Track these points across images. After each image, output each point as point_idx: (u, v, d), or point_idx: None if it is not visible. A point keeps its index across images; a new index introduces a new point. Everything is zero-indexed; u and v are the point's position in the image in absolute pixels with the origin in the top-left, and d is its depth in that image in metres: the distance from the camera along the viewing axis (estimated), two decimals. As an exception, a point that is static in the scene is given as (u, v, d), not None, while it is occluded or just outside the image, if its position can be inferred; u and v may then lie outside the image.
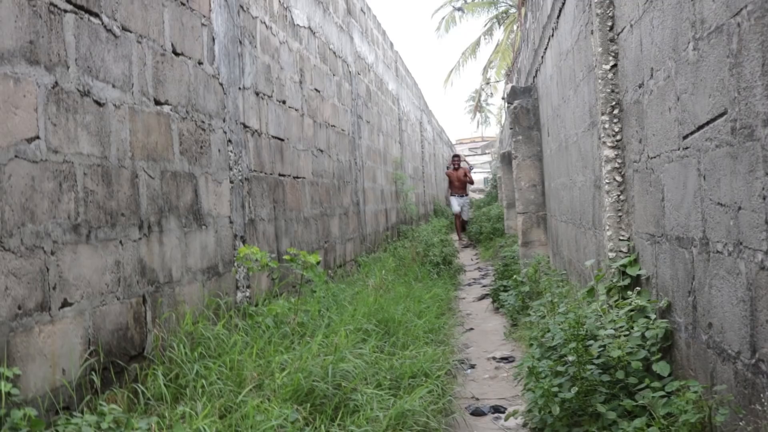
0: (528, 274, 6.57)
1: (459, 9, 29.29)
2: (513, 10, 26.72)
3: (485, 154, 50.63)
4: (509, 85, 10.22)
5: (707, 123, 2.50)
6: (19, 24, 3.02)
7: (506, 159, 15.94)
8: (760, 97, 2.03)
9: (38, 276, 3.07)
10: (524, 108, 8.48)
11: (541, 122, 8.31)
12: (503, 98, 15.09)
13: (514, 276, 7.05)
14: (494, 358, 5.74)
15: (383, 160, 13.24)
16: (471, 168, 19.00)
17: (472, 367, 5.59)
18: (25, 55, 3.04)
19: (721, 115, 2.35)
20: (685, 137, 2.77)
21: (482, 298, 9.05)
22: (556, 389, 2.90)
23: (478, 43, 29.79)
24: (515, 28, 22.31)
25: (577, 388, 2.86)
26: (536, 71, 8.33)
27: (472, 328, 7.08)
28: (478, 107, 38.35)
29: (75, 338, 3.30)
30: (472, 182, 18.23)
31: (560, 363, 3.08)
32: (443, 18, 29.58)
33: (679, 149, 2.86)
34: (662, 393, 2.67)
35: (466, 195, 18.13)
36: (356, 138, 10.57)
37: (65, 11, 3.34)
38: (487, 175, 43.60)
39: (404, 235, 13.77)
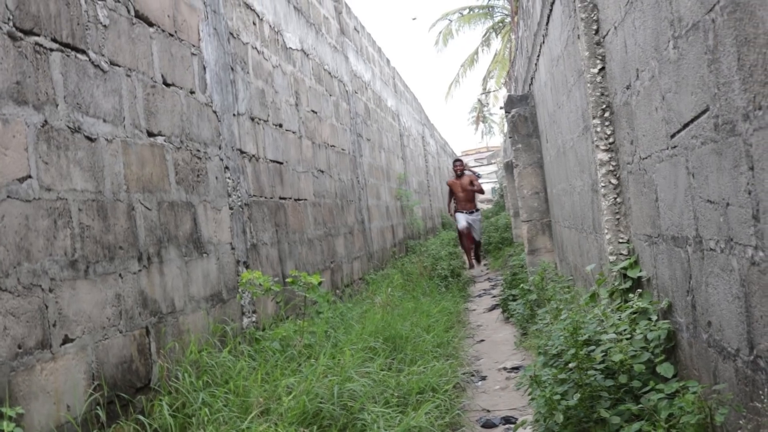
0: (535, 281, 6.55)
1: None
2: (509, 20, 26.80)
3: (491, 164, 50.60)
4: (506, 94, 10.24)
5: (692, 121, 2.49)
6: (5, 66, 3.05)
7: (510, 168, 15.92)
8: (738, 91, 2.02)
9: (37, 314, 3.08)
10: (522, 116, 8.48)
11: (539, 129, 8.31)
12: (501, 107, 15.36)
13: (521, 285, 7.02)
14: (505, 369, 5.71)
15: (386, 176, 13.26)
16: (478, 177, 14.18)
17: (483, 378, 5.56)
18: (12, 95, 3.07)
19: (703, 112, 2.34)
20: (672, 136, 2.76)
21: (492, 308, 9.01)
22: (558, 397, 2.88)
23: (476, 53, 29.89)
24: (512, 37, 22.37)
25: (579, 395, 2.84)
26: (531, 79, 8.34)
27: (482, 340, 7.05)
28: (480, 118, 38.39)
29: (78, 374, 3.30)
30: (481, 191, 13.68)
31: (563, 370, 3.06)
32: (440, 32, 29.67)
33: (667, 148, 2.85)
34: (664, 395, 2.65)
35: (476, 210, 13.72)
36: (357, 156, 10.59)
37: (51, 50, 3.37)
38: (494, 185, 43.55)
39: (412, 250, 13.76)
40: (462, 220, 13.28)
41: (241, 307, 5.27)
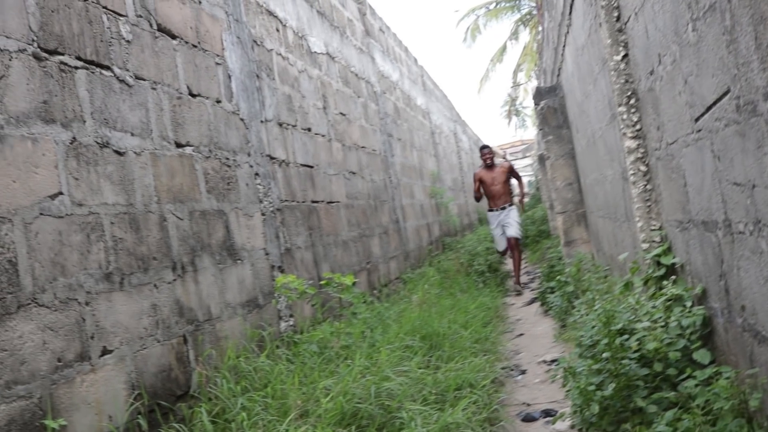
0: (571, 273, 6.50)
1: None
2: (536, 11, 26.60)
3: (526, 157, 50.23)
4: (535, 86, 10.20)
5: (714, 103, 2.46)
6: (32, 86, 3.11)
7: (543, 160, 15.79)
8: (757, 71, 1.99)
9: (75, 327, 3.13)
10: (551, 107, 8.42)
11: (569, 120, 8.25)
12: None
13: (558, 277, 6.97)
14: (545, 362, 5.68)
15: (420, 175, 13.24)
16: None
17: (523, 372, 5.53)
18: (40, 115, 3.13)
19: (725, 93, 2.31)
20: (696, 120, 2.73)
21: (531, 302, 8.96)
22: (593, 388, 2.86)
23: (504, 47, 29.71)
24: (540, 28, 22.22)
25: (614, 385, 2.82)
26: (558, 69, 8.28)
27: (521, 334, 7.01)
28: (512, 111, 38.11)
29: (118, 384, 3.36)
30: (518, 177, 10.72)
31: (597, 361, 3.04)
32: (468, 28, 29.55)
33: (692, 132, 2.82)
34: (698, 381, 2.61)
35: (510, 204, 10.57)
36: (389, 156, 10.60)
37: (76, 68, 3.43)
38: (530, 178, 43.27)
39: (449, 247, 13.73)
40: (497, 232, 10.71)
41: (278, 312, 5.31)
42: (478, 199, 10.74)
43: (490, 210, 10.72)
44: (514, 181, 10.88)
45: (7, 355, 2.74)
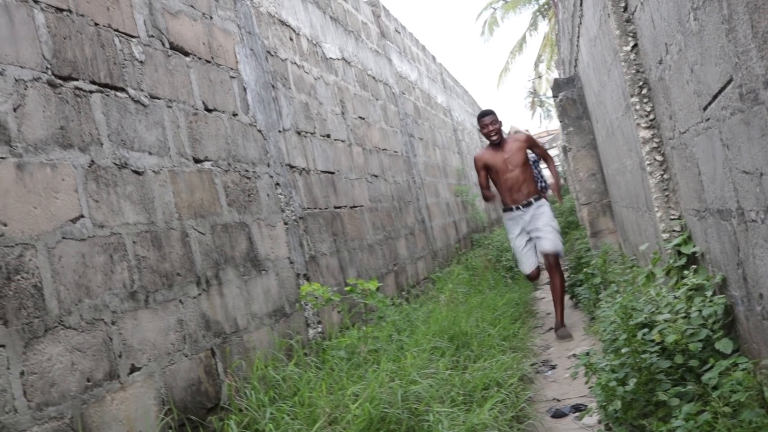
0: (597, 265, 6.47)
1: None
2: (552, 2, 26.46)
3: (552, 147, 49.91)
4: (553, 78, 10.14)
5: (719, 92, 2.45)
6: (48, 113, 3.18)
7: (566, 151, 15.70)
8: (756, 59, 1.98)
9: (102, 347, 3.20)
10: (570, 99, 8.39)
11: (588, 110, 8.21)
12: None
13: (584, 269, 6.95)
14: (574, 356, 5.66)
15: (444, 173, 13.24)
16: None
17: (553, 367, 5.52)
18: (57, 141, 3.20)
19: (728, 82, 2.30)
20: (704, 108, 2.72)
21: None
22: (614, 383, 2.86)
23: (524, 39, 29.60)
24: (556, 19, 22.08)
25: (636, 380, 2.81)
26: (575, 60, 8.24)
27: (551, 328, 6.99)
28: (536, 102, 37.97)
29: (148, 400, 3.41)
30: (546, 155, 7.22)
31: (618, 356, 3.03)
32: (485, 21, 29.48)
33: (702, 121, 2.80)
34: (720, 372, 2.60)
35: (537, 197, 7.05)
36: (411, 157, 10.61)
37: (91, 92, 3.50)
38: (558, 169, 42.96)
39: (477, 243, 13.71)
40: (520, 238, 7.09)
41: (305, 319, 5.35)
42: (487, 198, 7.09)
43: (507, 209, 7.03)
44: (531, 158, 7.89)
45: (37, 377, 2.81)
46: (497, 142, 6.96)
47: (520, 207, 6.96)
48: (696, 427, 2.29)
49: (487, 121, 7.00)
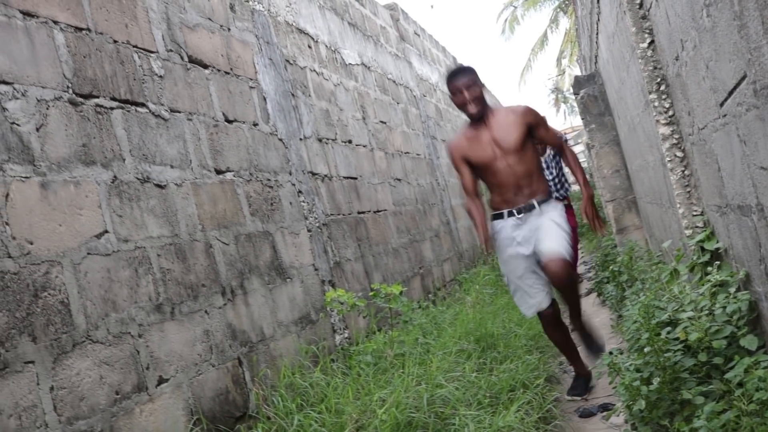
0: (623, 262, 6.43)
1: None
2: (573, -3, 26.29)
3: (577, 144, 49.62)
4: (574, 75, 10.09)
5: (734, 88, 2.43)
6: (70, 131, 3.23)
7: (589, 148, 15.56)
8: (768, 56, 1.97)
9: (130, 360, 3.24)
10: (591, 96, 8.35)
11: (610, 106, 8.16)
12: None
13: (611, 267, 6.90)
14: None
15: (467, 173, 13.19)
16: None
17: (581, 367, 5.48)
18: (80, 158, 3.25)
19: (743, 78, 2.29)
20: (721, 105, 2.70)
21: (589, 292, 8.87)
22: (638, 383, 2.85)
23: (545, 36, 29.45)
24: (576, 16, 21.91)
25: (659, 379, 2.80)
26: (595, 57, 8.20)
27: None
28: (560, 99, 37.75)
29: (177, 411, 3.46)
30: (559, 141, 4.71)
31: (641, 355, 3.02)
32: (506, 20, 29.39)
33: (719, 117, 2.79)
34: (744, 369, 2.58)
35: (544, 198, 4.45)
36: (434, 159, 10.62)
37: (112, 108, 3.55)
38: (583, 165, 42.68)
39: (504, 243, 13.64)
40: (516, 261, 4.51)
41: (331, 326, 5.38)
42: (469, 211, 4.61)
43: (496, 215, 4.58)
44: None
45: (66, 392, 2.86)
46: (478, 116, 4.40)
47: (515, 213, 4.42)
48: (719, 426, 2.28)
49: (459, 84, 4.39)
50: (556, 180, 7.42)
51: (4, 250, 2.74)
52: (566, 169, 6.48)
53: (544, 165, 7.33)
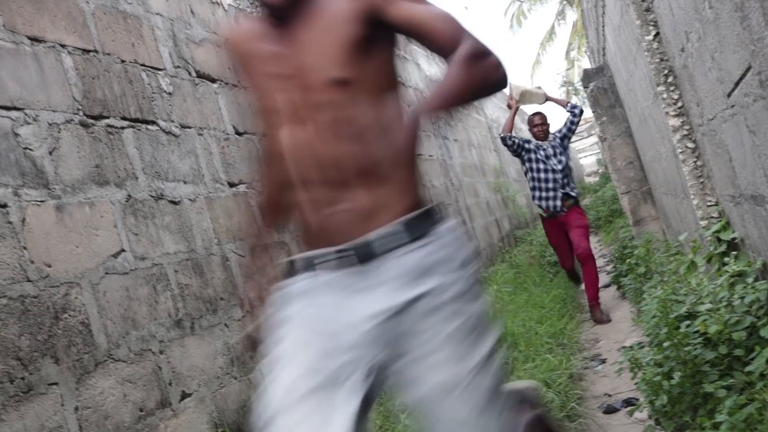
0: (640, 254, 6.39)
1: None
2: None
3: (591, 135, 49.46)
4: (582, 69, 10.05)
5: (740, 79, 2.42)
6: (82, 153, 3.26)
7: (602, 141, 15.48)
8: (772, 46, 1.97)
9: (152, 376, 3.27)
10: (601, 88, 8.31)
11: (620, 98, 8.13)
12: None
13: (628, 260, 6.87)
14: (624, 348, 5.60)
15: (481, 172, 13.20)
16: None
17: (603, 361, 5.47)
18: (93, 179, 3.28)
19: (748, 69, 2.28)
20: (728, 95, 2.69)
21: (608, 285, 8.83)
22: (659, 378, 2.84)
23: (553, 29, 29.35)
24: (581, 9, 21.81)
25: (680, 373, 2.79)
26: (603, 49, 8.18)
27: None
28: (571, 92, 37.59)
29: (201, 425, 3.48)
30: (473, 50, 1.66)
31: (661, 350, 3.01)
32: (513, 15, 29.31)
33: (727, 108, 2.78)
34: (766, 359, 2.56)
35: (428, 220, 1.74)
36: (446, 159, 10.61)
37: (122, 128, 3.58)
38: (597, 156, 42.52)
39: (521, 240, 13.63)
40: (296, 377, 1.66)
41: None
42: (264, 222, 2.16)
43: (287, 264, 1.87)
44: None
45: (91, 411, 2.89)
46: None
47: (324, 262, 1.70)
48: (741, 420, 2.27)
49: None
50: (565, 173, 6.74)
51: (23, 275, 2.77)
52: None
53: (550, 151, 6.79)
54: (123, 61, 3.75)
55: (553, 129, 7.07)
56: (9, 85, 2.97)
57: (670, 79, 3.83)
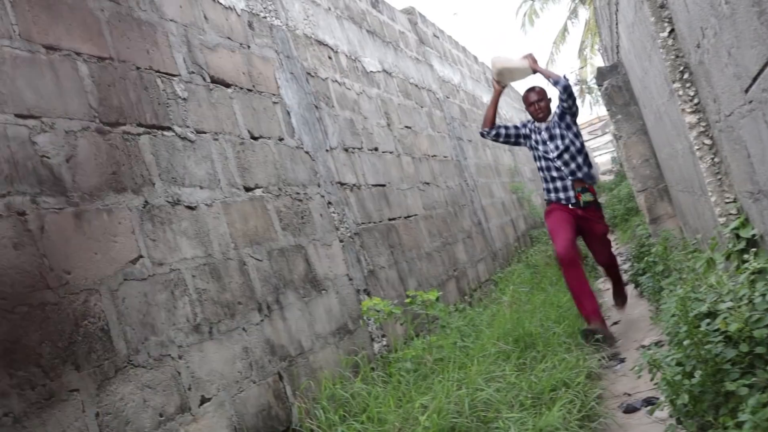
0: (658, 252, 6.36)
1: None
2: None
3: (605, 133, 49.23)
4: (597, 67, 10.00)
5: (758, 74, 2.40)
6: (99, 160, 3.28)
7: (617, 139, 15.39)
8: (790, 41, 1.95)
9: (172, 382, 3.28)
10: (615, 86, 8.28)
11: (635, 96, 8.09)
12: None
13: (645, 258, 6.83)
14: (643, 347, 5.57)
15: (496, 172, 13.18)
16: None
17: (622, 361, 5.44)
18: (111, 186, 3.30)
19: (766, 64, 2.26)
20: (746, 91, 2.67)
21: (626, 284, 8.79)
22: (679, 378, 2.82)
23: (565, 28, 29.25)
24: (593, 6, 21.72)
25: (701, 372, 2.77)
26: (616, 47, 8.14)
27: (618, 321, 6.90)
28: (585, 90, 37.45)
29: (221, 429, 3.49)
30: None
31: (681, 349, 2.99)
32: (525, 14, 29.23)
33: (745, 104, 2.75)
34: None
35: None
36: (461, 160, 10.59)
37: (139, 134, 3.60)
38: (612, 154, 42.30)
39: (537, 239, 13.59)
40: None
41: (369, 334, 5.39)
42: None
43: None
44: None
45: (111, 417, 2.90)
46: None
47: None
48: (764, 419, 2.25)
49: None
50: (571, 155, 6.08)
51: (43, 282, 2.79)
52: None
53: (554, 132, 6.11)
54: (138, 68, 3.77)
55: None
56: (26, 94, 3.00)
57: (685, 76, 3.81)
